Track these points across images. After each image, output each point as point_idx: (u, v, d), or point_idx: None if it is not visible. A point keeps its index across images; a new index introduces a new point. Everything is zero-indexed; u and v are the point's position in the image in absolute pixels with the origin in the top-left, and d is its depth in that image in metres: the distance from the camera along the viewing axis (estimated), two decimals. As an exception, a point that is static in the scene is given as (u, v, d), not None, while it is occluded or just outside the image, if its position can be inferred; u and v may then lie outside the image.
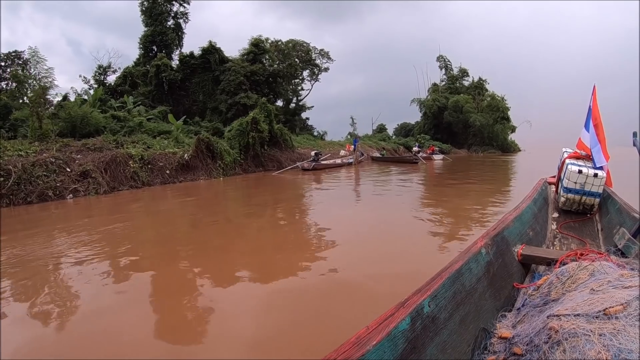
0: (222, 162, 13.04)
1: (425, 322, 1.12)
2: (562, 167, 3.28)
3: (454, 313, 1.26)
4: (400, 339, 1.01)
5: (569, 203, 3.14)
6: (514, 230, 2.11)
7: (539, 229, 2.65)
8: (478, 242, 1.70)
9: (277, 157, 15.58)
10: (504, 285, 1.66)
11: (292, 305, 2.77)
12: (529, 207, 2.69)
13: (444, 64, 41.07)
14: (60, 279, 3.50)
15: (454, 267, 1.40)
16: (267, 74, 27.82)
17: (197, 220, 6.33)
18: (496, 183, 10.81)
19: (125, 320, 2.59)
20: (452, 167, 17.15)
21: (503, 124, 37.11)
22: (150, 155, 12.43)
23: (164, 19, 32.02)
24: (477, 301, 1.42)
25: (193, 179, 12.51)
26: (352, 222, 5.76)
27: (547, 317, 1.11)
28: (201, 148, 12.69)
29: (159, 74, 28.56)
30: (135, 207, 8.12)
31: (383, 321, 1.02)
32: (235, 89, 26.94)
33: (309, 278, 3.31)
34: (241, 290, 3.10)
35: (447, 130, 37.35)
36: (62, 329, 2.52)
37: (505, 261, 1.80)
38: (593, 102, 3.19)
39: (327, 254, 4.03)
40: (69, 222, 6.39)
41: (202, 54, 28.89)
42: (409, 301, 1.13)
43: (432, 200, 8.00)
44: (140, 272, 3.62)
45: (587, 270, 1.38)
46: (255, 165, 14.94)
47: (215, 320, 2.58)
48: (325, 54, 37.64)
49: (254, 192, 10.26)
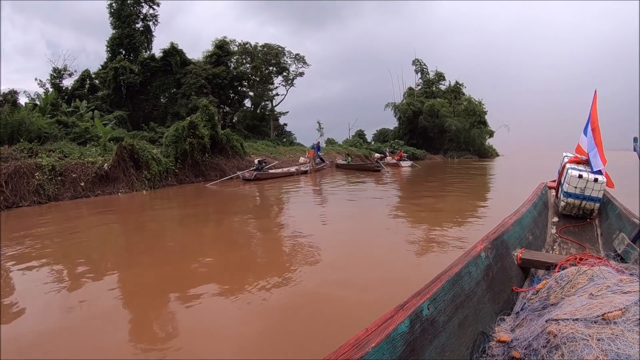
0: (149, 172, 11.59)
1: (424, 325, 1.12)
2: (563, 171, 3.28)
3: (453, 316, 1.26)
4: (399, 341, 1.01)
5: (569, 207, 3.15)
6: (513, 234, 2.11)
7: (539, 233, 2.65)
8: (478, 245, 1.70)
9: (220, 165, 14.19)
10: (503, 289, 1.67)
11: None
12: (529, 211, 2.69)
13: (420, 67, 40.27)
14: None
15: (454, 270, 1.40)
16: (230, 77, 26.45)
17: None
18: (463, 202, 8.42)
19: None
20: (418, 175, 15.98)
21: (480, 128, 36.33)
22: (63, 166, 10.95)
23: (132, 21, 30.47)
24: (476, 304, 1.42)
25: (111, 192, 11.03)
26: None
27: (546, 322, 1.13)
28: (123, 156, 11.24)
29: (117, 77, 27.00)
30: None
31: (382, 323, 1.02)
32: (197, 93, 25.54)
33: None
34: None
35: (422, 135, 36.40)
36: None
37: (505, 265, 1.80)
38: (593, 106, 3.18)
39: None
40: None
41: (163, 56, 27.45)
42: (409, 304, 1.13)
43: (364, 233, 6.73)
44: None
45: (587, 275, 1.41)
46: (194, 175, 13.54)
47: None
48: (300, 59, 36.52)
49: (163, 213, 8.86)
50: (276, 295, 3.00)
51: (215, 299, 3.02)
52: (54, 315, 2.86)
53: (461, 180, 12.42)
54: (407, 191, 10.22)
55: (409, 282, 3.02)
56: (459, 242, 4.38)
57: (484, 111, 37.37)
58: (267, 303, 2.85)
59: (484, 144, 37.20)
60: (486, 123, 37.27)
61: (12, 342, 2.40)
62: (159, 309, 2.94)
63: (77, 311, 2.90)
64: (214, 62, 26.97)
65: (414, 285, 1.29)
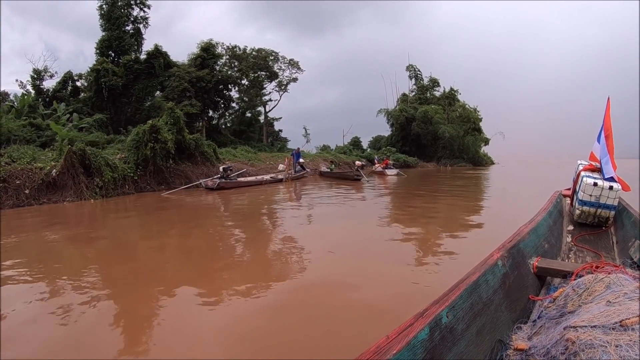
0: (101, 179, 10.72)
1: (443, 333, 1.13)
2: (578, 179, 3.29)
3: (471, 324, 1.26)
4: (419, 348, 1.02)
5: (584, 216, 3.14)
6: (529, 242, 2.10)
7: (554, 242, 2.64)
8: (494, 254, 1.70)
9: (186, 172, 13.32)
10: (519, 297, 1.66)
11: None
12: (544, 219, 2.68)
13: (414, 73, 39.48)
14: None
15: (471, 278, 1.40)
16: (215, 80, 25.66)
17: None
18: (450, 222, 6.67)
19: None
20: (403, 185, 15.05)
21: (474, 135, 35.46)
22: (7, 171, 10.11)
23: (122, 23, 29.84)
24: (494, 313, 1.42)
25: (58, 200, 10.16)
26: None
27: (564, 329, 1.14)
28: (73, 162, 10.38)
29: (99, 79, 26.26)
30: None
31: (402, 331, 1.03)
32: (179, 96, 24.78)
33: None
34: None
35: (415, 143, 35.52)
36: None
37: (521, 273, 1.80)
38: (606, 113, 3.16)
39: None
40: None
41: (147, 58, 26.73)
42: (428, 311, 1.14)
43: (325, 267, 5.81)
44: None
45: (603, 283, 1.40)
46: (157, 183, 12.67)
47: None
48: (294, 64, 35.86)
49: (105, 226, 7.97)
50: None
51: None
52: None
53: (451, 193, 11.39)
54: (382, 207, 9.27)
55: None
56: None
57: (479, 118, 36.55)
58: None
59: (478, 151, 36.29)
60: (481, 130, 36.40)
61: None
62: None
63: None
64: (199, 65, 26.20)
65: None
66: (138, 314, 2.82)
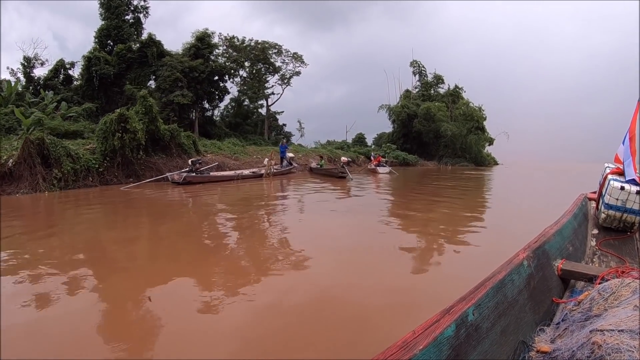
0: (60, 170, 10.04)
1: (469, 330, 1.12)
2: (604, 182, 3.22)
3: (495, 323, 1.25)
4: (445, 345, 1.01)
5: (609, 220, 3.07)
6: (554, 244, 2.07)
7: (579, 245, 2.60)
8: (520, 254, 1.68)
9: (158, 165, 12.59)
10: (543, 299, 1.65)
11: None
12: (569, 221, 2.63)
13: (418, 69, 38.23)
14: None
15: (497, 277, 1.39)
16: (208, 70, 24.86)
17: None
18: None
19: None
20: (395, 185, 14.16)
21: (477, 134, 34.20)
22: (-39, 161, 9.51)
23: (121, 12, 29.27)
24: (518, 313, 1.40)
25: (12, 192, 9.51)
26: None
27: (590, 332, 1.13)
28: (30, 152, 9.70)
29: (90, 68, 25.69)
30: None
31: (429, 327, 1.02)
32: (171, 87, 24.07)
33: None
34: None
35: (417, 140, 34.43)
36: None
37: (545, 275, 1.78)
38: (634, 116, 3.08)
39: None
40: None
41: (140, 47, 26.04)
42: (454, 308, 1.14)
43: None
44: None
45: (630, 287, 1.39)
46: (126, 175, 11.98)
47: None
48: (298, 57, 35.01)
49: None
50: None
51: None
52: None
53: (448, 197, 10.33)
54: (365, 212, 8.32)
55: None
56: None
57: (483, 117, 35.27)
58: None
59: (481, 151, 35.03)
60: (484, 129, 35.10)
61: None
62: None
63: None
64: (192, 55, 25.45)
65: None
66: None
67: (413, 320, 1.49)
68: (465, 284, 1.48)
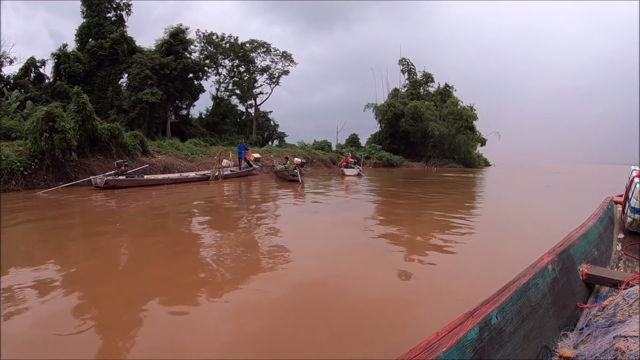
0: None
1: (492, 334, 1.11)
2: (631, 185, 3.11)
3: (519, 327, 1.25)
4: (468, 347, 1.00)
5: (635, 224, 2.96)
6: (579, 248, 2.04)
7: (604, 249, 2.54)
8: (544, 257, 1.66)
9: (92, 167, 11.55)
10: (567, 303, 1.63)
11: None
12: (595, 225, 2.55)
13: (407, 67, 37.02)
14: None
15: (522, 280, 1.38)
16: (180, 67, 23.82)
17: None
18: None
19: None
20: (358, 190, 13.02)
21: (467, 134, 32.98)
22: None
23: (102, 9, 28.41)
24: (541, 318, 1.39)
25: None
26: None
27: (614, 338, 1.11)
28: None
29: (59, 66, 24.76)
30: None
31: (453, 329, 1.02)
32: (141, 84, 23.06)
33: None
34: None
35: (404, 140, 33.26)
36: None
37: (570, 279, 1.76)
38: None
39: None
40: None
41: (111, 44, 25.04)
42: (478, 311, 1.13)
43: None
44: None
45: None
46: (56, 178, 10.95)
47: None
48: (287, 57, 34.07)
49: None
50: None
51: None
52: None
53: (417, 207, 9.03)
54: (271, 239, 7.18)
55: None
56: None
57: (474, 116, 34.05)
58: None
59: (471, 152, 33.79)
60: (474, 129, 33.87)
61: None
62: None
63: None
64: (164, 52, 24.45)
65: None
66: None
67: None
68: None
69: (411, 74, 37.28)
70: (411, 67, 37.21)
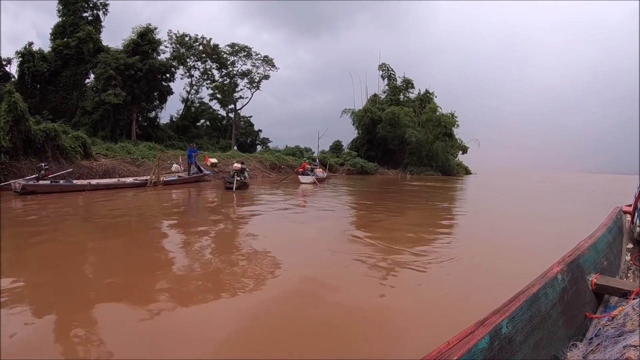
0: None
1: (502, 343, 1.11)
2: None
3: (529, 337, 1.24)
4: (478, 357, 1.00)
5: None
6: (589, 258, 2.04)
7: (613, 259, 2.53)
8: (554, 267, 1.66)
9: (23, 170, 10.87)
10: (576, 313, 1.63)
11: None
12: (604, 235, 2.56)
13: (387, 73, 36.75)
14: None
15: (532, 290, 1.38)
16: (146, 68, 23.16)
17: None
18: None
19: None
20: (305, 202, 12.47)
21: (445, 141, 32.70)
22: None
23: (78, 8, 27.73)
24: (551, 327, 1.39)
25: None
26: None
27: (623, 348, 1.09)
28: None
29: (22, 65, 23.98)
30: None
31: (463, 338, 1.01)
32: (104, 85, 22.37)
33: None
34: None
35: (382, 147, 32.83)
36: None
37: (579, 289, 1.76)
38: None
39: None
40: None
41: (77, 43, 24.35)
42: (488, 320, 1.13)
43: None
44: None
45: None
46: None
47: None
48: (269, 61, 33.63)
49: None
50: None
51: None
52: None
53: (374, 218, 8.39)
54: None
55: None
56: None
57: (452, 123, 33.81)
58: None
59: (449, 159, 33.46)
60: (452, 136, 33.62)
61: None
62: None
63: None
64: (131, 52, 23.80)
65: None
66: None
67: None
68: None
69: (391, 79, 37.02)
70: (391, 73, 36.96)
